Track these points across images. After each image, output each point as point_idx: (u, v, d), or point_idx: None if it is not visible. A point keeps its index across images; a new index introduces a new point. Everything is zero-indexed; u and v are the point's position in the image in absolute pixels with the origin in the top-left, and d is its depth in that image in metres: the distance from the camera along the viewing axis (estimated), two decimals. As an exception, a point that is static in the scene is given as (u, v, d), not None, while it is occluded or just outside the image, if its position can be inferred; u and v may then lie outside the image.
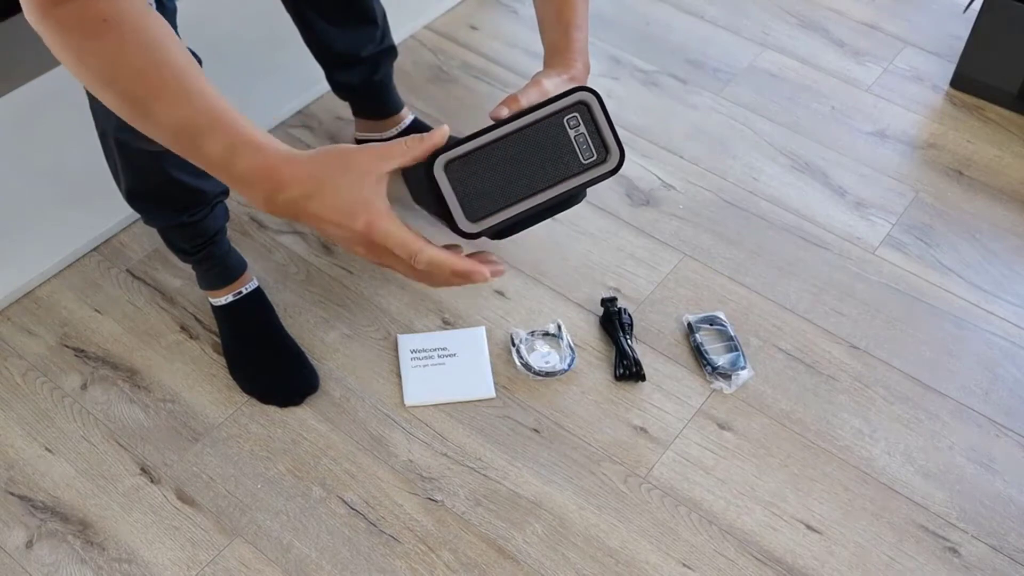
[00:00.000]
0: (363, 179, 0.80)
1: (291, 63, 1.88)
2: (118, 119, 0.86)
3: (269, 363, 1.51)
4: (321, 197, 0.79)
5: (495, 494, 1.40)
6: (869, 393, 1.51)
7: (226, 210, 1.48)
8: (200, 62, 1.19)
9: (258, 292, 1.56)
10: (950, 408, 1.50)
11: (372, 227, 0.80)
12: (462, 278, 0.83)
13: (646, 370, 1.52)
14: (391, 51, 1.70)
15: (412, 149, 0.82)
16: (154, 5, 1.12)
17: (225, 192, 1.44)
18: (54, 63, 1.36)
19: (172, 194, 1.36)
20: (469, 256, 0.86)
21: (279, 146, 0.81)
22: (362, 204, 0.80)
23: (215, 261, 1.50)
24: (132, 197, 1.37)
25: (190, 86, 0.78)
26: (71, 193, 1.74)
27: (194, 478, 1.41)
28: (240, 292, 1.53)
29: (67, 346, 1.56)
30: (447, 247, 0.84)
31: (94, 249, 1.69)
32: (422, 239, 0.82)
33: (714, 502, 1.39)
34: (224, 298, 1.53)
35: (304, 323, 1.58)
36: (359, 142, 1.83)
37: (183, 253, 1.49)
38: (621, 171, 1.76)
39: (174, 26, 1.19)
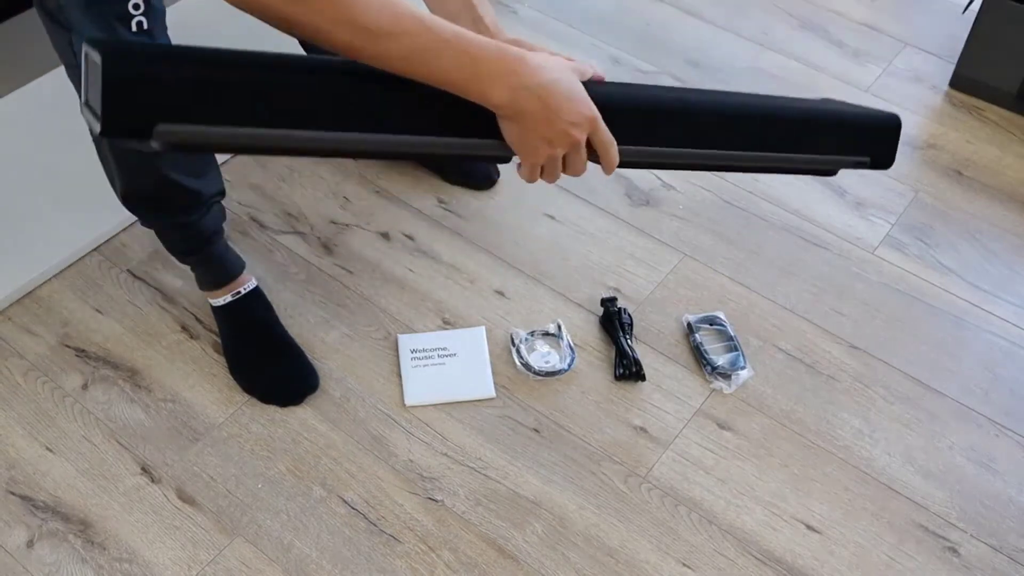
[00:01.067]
0: (577, 77, 0.94)
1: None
2: None
3: (269, 363, 1.52)
4: (561, 82, 0.89)
5: (495, 494, 1.40)
6: (869, 393, 1.51)
7: (223, 211, 1.48)
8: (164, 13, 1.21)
9: (257, 292, 1.56)
10: (950, 408, 1.50)
11: (598, 115, 0.93)
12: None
13: (646, 370, 1.52)
14: None
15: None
16: (142, 7, 1.13)
17: (221, 193, 1.44)
18: (55, 63, 1.36)
19: (167, 195, 1.36)
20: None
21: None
22: (587, 96, 0.92)
23: (213, 262, 1.50)
24: (127, 199, 1.37)
25: (415, 12, 0.85)
26: (72, 193, 1.74)
27: (194, 478, 1.41)
28: (239, 292, 1.53)
29: (68, 346, 1.56)
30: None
31: (95, 249, 1.69)
32: None
33: (714, 502, 1.39)
34: (223, 298, 1.53)
35: (304, 323, 1.59)
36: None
37: (180, 254, 1.49)
38: (621, 171, 1.78)
39: (163, 29, 1.19)
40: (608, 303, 1.59)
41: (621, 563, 1.33)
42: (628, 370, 1.51)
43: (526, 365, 1.52)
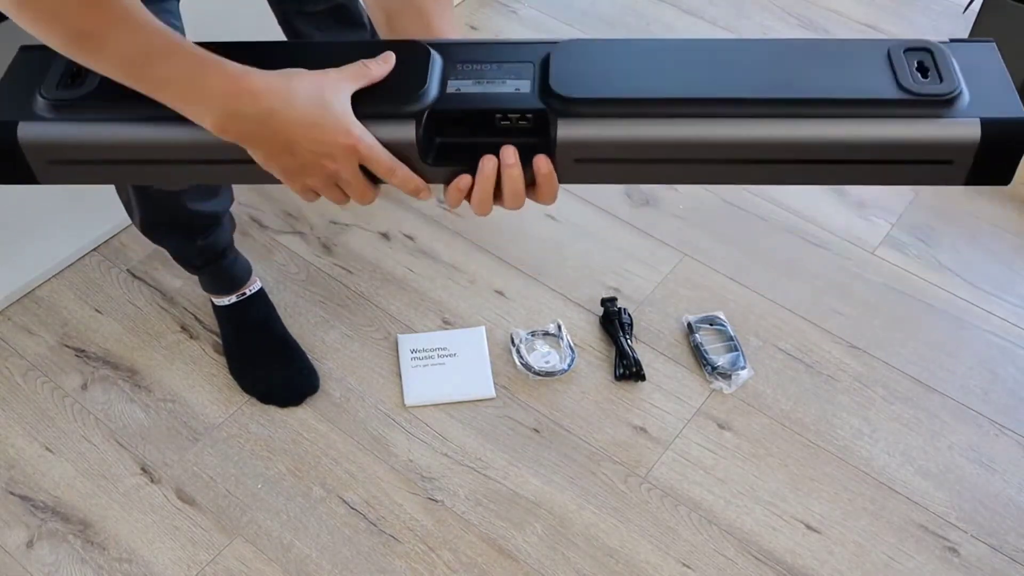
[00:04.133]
0: (339, 93, 0.76)
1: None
2: None
3: (270, 363, 1.51)
4: (293, 107, 0.74)
5: (495, 494, 1.40)
6: (869, 393, 1.51)
7: (232, 221, 1.49)
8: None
9: (261, 293, 1.56)
10: (950, 408, 1.50)
11: (360, 140, 0.76)
12: (411, 192, 0.81)
13: (646, 370, 1.52)
14: None
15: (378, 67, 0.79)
16: None
17: (231, 201, 1.45)
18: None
19: (187, 222, 1.38)
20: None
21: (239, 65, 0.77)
22: (345, 116, 0.76)
23: (222, 271, 1.50)
24: (146, 227, 1.38)
25: (139, 15, 0.75)
26: (71, 193, 1.73)
27: (194, 478, 1.41)
28: (244, 294, 1.53)
29: (67, 346, 1.56)
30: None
31: (94, 249, 1.69)
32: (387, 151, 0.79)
33: (714, 502, 1.39)
34: (227, 299, 1.53)
35: (304, 323, 1.58)
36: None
37: (192, 267, 1.50)
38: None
39: (180, 21, 1.19)
40: (608, 303, 1.59)
41: (621, 563, 1.33)
42: (628, 370, 1.51)
43: (526, 365, 1.52)
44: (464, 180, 0.79)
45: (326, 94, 0.75)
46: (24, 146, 0.80)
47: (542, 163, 0.77)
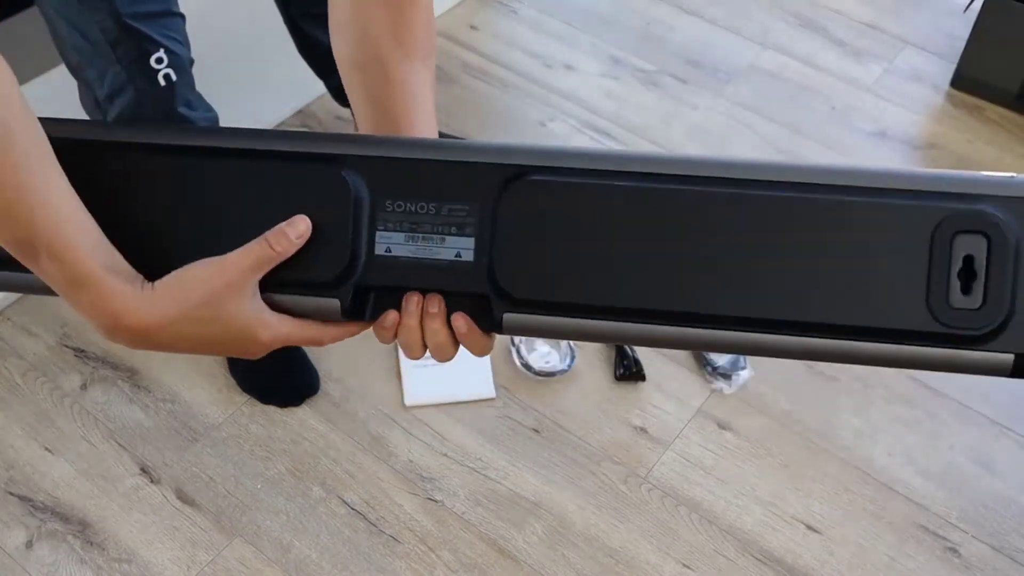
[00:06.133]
0: (240, 295, 0.65)
1: (290, 63, 1.88)
2: None
3: (270, 363, 1.50)
4: (187, 326, 0.65)
5: (495, 494, 1.40)
6: (869, 393, 1.51)
7: None
8: (192, 63, 1.19)
9: None
10: (950, 408, 1.50)
11: (274, 340, 0.68)
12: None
13: (646, 370, 1.52)
14: None
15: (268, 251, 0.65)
16: (166, 60, 1.11)
17: None
18: (55, 62, 1.36)
19: None
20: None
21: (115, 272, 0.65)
22: (249, 326, 0.66)
23: None
24: None
25: (33, 196, 0.62)
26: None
27: (194, 478, 1.41)
28: None
29: (67, 346, 1.56)
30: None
31: (94, 249, 1.69)
32: (310, 323, 0.70)
33: (714, 502, 1.39)
34: None
35: (304, 323, 1.58)
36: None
37: None
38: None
39: (190, 81, 1.18)
40: (608, 303, 1.59)
41: (621, 563, 1.33)
42: (628, 370, 1.51)
43: (526, 365, 1.52)
44: (391, 317, 0.68)
45: (223, 303, 0.64)
46: None
47: (460, 322, 0.66)
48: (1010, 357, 0.58)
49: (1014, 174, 0.58)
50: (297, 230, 0.64)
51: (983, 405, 1.50)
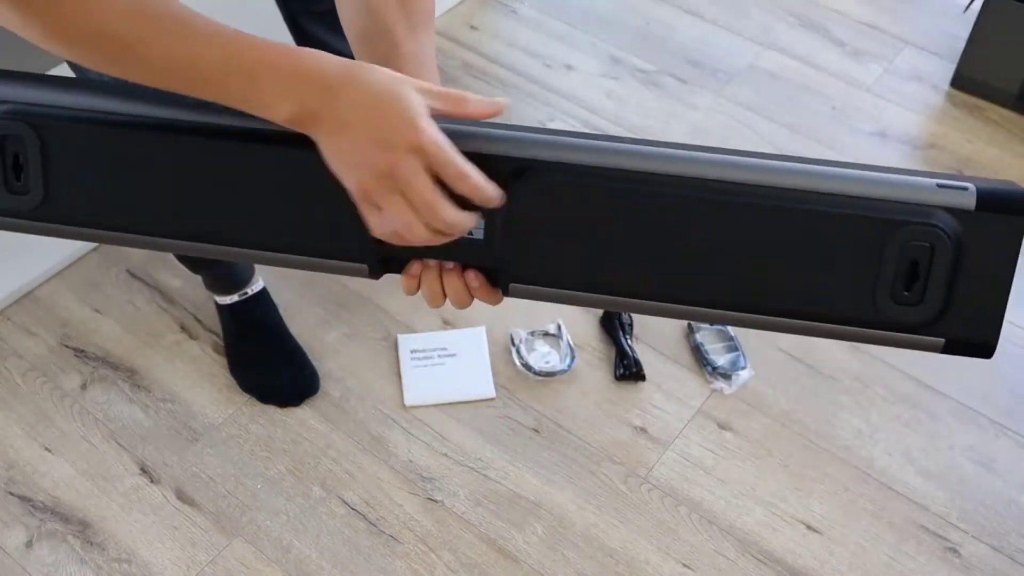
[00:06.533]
0: (412, 92, 0.67)
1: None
2: None
3: (270, 363, 1.51)
4: (359, 89, 0.66)
5: (495, 494, 1.40)
6: (869, 393, 1.51)
7: None
8: None
9: (264, 293, 1.56)
10: (950, 408, 1.50)
11: (424, 133, 0.66)
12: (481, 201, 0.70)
13: (646, 370, 1.52)
14: None
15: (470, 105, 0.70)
16: None
17: None
18: (55, 62, 1.36)
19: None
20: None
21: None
22: (412, 109, 0.66)
23: (226, 270, 1.50)
24: (180, 259, 1.39)
25: (178, 12, 0.68)
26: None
27: (194, 478, 1.41)
28: (246, 293, 1.53)
29: (67, 346, 1.56)
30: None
31: (94, 249, 1.69)
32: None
33: (714, 502, 1.39)
34: (230, 298, 1.53)
35: (304, 323, 1.58)
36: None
37: (195, 266, 1.49)
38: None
39: None
40: (608, 303, 1.59)
41: (621, 563, 1.33)
42: (628, 370, 1.51)
43: (526, 365, 1.52)
44: (415, 267, 0.75)
45: (398, 86, 0.67)
46: None
47: (472, 278, 0.74)
48: (941, 340, 0.71)
49: (968, 184, 0.67)
50: (494, 103, 0.71)
51: (983, 405, 1.50)
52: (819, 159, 0.71)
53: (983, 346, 0.71)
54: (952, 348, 0.73)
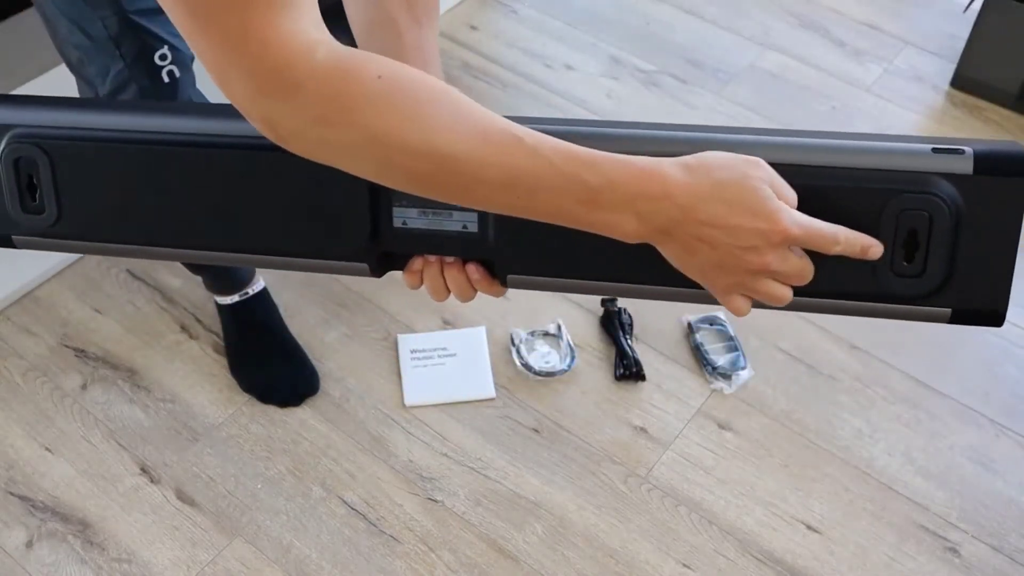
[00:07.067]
0: (754, 180, 0.65)
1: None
2: None
3: (270, 363, 1.51)
4: (710, 198, 0.65)
5: (495, 494, 1.40)
6: (869, 393, 1.51)
7: None
8: (193, 59, 1.19)
9: (264, 293, 1.56)
10: (950, 408, 1.50)
11: (786, 225, 0.64)
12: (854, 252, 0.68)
13: (646, 370, 1.52)
14: None
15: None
16: (170, 57, 1.12)
17: None
18: (55, 62, 1.35)
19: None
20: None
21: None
22: (763, 197, 0.64)
23: (226, 270, 1.50)
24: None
25: (504, 127, 0.65)
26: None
27: (194, 478, 1.41)
28: (247, 293, 1.53)
29: (67, 346, 1.56)
30: None
31: (94, 249, 1.69)
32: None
33: (714, 502, 1.39)
34: (231, 298, 1.53)
35: (304, 323, 1.58)
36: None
37: (196, 265, 1.49)
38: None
39: (192, 78, 1.18)
40: (608, 303, 1.59)
41: (621, 563, 1.33)
42: (628, 370, 1.51)
43: (526, 365, 1.52)
44: (417, 263, 0.78)
45: (753, 180, 0.65)
46: (19, 244, 0.82)
47: (473, 270, 0.77)
48: (948, 311, 0.68)
49: (965, 148, 0.65)
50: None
51: (983, 405, 1.50)
52: (813, 131, 0.69)
53: (992, 315, 0.68)
54: (960, 318, 0.69)
